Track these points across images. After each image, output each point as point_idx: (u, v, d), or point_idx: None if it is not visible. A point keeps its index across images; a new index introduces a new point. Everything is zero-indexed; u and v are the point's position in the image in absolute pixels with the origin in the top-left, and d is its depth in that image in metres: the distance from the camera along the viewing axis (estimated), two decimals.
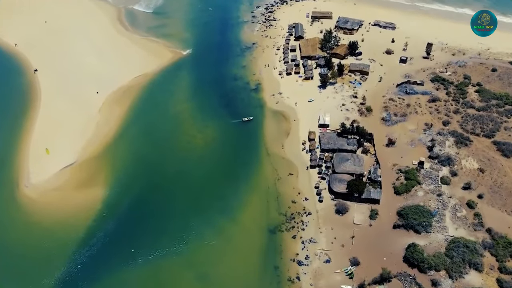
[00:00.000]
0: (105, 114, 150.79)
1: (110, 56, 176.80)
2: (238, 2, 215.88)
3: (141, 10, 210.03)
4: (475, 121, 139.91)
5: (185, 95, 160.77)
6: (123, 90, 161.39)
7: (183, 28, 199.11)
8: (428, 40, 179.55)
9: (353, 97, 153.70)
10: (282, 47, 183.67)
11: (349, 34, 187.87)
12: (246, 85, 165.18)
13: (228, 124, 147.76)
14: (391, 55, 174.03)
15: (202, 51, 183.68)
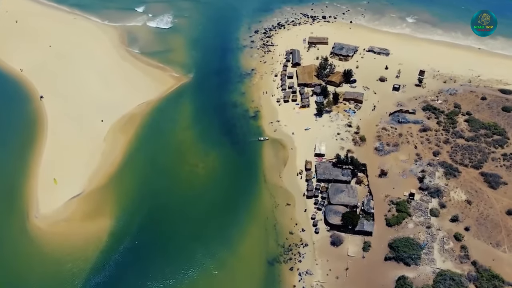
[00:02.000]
0: (110, 143, 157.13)
1: (114, 83, 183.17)
2: (237, 26, 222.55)
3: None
4: (464, 152, 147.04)
5: (187, 123, 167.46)
6: (127, 118, 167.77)
7: (184, 53, 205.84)
8: (420, 67, 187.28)
9: (347, 126, 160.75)
10: (279, 74, 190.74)
11: (344, 60, 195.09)
12: (245, 112, 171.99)
13: (228, 153, 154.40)
14: (384, 82, 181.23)
15: (203, 77, 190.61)
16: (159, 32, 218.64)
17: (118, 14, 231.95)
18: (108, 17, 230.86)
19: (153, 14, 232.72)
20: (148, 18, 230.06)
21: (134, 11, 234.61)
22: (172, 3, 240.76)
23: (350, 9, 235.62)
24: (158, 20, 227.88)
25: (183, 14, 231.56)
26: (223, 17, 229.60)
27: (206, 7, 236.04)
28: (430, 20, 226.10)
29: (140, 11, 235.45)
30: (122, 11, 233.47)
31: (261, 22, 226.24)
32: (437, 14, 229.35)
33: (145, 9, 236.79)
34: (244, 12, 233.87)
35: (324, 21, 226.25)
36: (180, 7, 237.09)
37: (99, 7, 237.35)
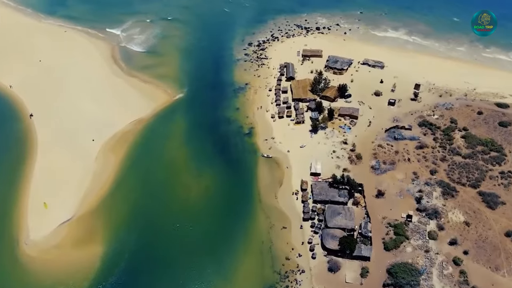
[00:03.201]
0: (101, 163, 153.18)
1: (105, 100, 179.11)
2: (231, 39, 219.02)
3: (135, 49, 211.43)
4: (461, 170, 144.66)
5: (180, 141, 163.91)
6: (119, 136, 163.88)
7: (177, 67, 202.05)
8: (416, 80, 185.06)
9: (343, 143, 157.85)
10: (274, 88, 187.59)
11: (339, 74, 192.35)
12: (239, 129, 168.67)
13: (222, 172, 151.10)
14: (379, 97, 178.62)
15: (196, 92, 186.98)
16: (152, 46, 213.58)
17: (110, 25, 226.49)
18: (99, 29, 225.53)
19: (142, 28, 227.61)
20: (140, 31, 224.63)
21: (126, 23, 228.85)
22: (163, 16, 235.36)
23: (344, 20, 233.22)
24: (148, 33, 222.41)
25: (176, 27, 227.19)
26: (217, 30, 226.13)
27: (199, 20, 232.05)
28: (424, 30, 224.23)
29: (133, 22, 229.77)
30: (114, 23, 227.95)
31: (254, 34, 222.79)
32: (431, 24, 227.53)
33: (136, 21, 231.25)
34: (238, 23, 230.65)
35: (318, 32, 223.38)
36: (172, 20, 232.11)
37: (91, 20, 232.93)
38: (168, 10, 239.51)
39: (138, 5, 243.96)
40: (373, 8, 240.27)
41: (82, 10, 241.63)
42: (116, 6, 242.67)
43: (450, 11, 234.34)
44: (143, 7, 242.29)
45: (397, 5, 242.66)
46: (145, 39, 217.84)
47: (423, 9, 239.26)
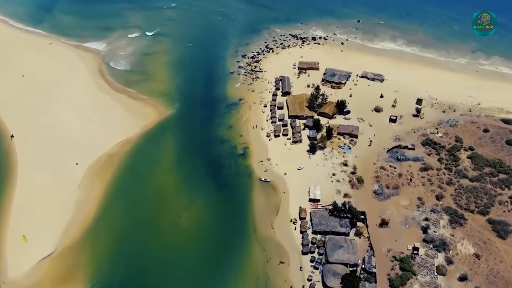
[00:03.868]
0: (85, 190, 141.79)
1: (91, 118, 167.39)
2: (224, 50, 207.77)
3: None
4: (469, 194, 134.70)
5: (169, 164, 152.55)
6: (104, 159, 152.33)
7: (167, 81, 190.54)
8: (417, 94, 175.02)
9: (343, 165, 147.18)
10: (269, 104, 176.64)
11: (337, 88, 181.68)
12: (233, 149, 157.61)
13: (215, 199, 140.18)
14: (380, 113, 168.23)
15: (187, 109, 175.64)
16: (141, 58, 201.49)
17: (97, 37, 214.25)
18: (86, 40, 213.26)
19: (130, 41, 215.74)
20: (128, 43, 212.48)
21: (114, 34, 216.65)
22: (153, 25, 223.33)
23: (341, 29, 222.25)
24: (136, 46, 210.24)
25: (165, 39, 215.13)
26: (209, 41, 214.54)
27: (190, 31, 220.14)
28: (423, 40, 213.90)
29: (120, 33, 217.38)
30: (101, 34, 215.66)
31: (248, 45, 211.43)
32: (430, 33, 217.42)
33: (125, 32, 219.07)
34: (231, 34, 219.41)
35: (314, 43, 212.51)
36: (163, 30, 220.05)
37: (77, 30, 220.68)
38: (156, 21, 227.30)
39: (127, 16, 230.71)
40: (370, 17, 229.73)
41: (69, 20, 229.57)
42: (104, 17, 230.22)
43: (449, 19, 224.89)
44: (131, 18, 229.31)
45: (395, 13, 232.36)
46: (133, 52, 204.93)
47: (421, 17, 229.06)
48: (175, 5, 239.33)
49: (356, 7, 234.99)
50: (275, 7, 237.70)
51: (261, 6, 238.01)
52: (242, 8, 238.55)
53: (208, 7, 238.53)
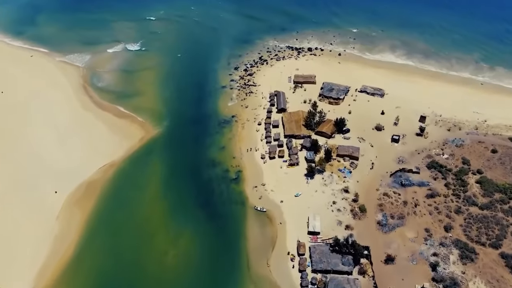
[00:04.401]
0: (64, 222, 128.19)
1: (72, 140, 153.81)
2: (215, 62, 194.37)
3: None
4: (480, 225, 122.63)
5: (156, 191, 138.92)
6: (86, 186, 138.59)
7: (155, 97, 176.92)
8: (420, 110, 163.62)
9: (344, 191, 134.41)
10: (263, 122, 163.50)
11: (335, 104, 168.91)
12: (225, 173, 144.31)
13: (205, 232, 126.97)
14: (381, 131, 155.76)
15: (176, 127, 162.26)
16: (128, 72, 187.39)
17: (81, 49, 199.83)
18: (70, 53, 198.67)
19: (122, 47, 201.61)
20: (113, 56, 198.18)
21: (99, 46, 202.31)
22: (141, 37, 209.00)
23: (338, 39, 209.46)
24: (122, 59, 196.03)
25: (155, 50, 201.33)
26: (200, 52, 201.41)
27: (180, 42, 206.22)
28: (424, 50, 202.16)
29: (106, 46, 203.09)
30: (86, 46, 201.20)
31: (241, 56, 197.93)
32: (431, 43, 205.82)
33: (111, 44, 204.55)
34: (223, 44, 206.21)
35: (310, 54, 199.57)
36: (151, 42, 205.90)
37: (60, 42, 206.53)
38: (144, 33, 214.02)
39: (113, 27, 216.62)
40: (368, 25, 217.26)
41: (53, 30, 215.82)
42: (90, 27, 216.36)
43: (449, 27, 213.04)
44: (117, 29, 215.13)
45: (393, 21, 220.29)
46: (119, 65, 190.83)
47: (420, 26, 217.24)
48: (163, 16, 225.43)
49: (353, 15, 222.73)
50: (269, 16, 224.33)
51: (254, 15, 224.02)
52: (234, 17, 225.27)
53: (198, 18, 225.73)
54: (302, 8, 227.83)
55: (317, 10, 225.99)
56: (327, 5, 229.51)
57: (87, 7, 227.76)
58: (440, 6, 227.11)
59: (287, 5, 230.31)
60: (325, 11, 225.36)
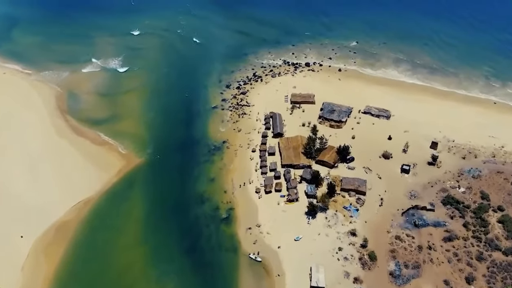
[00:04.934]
0: (30, 274, 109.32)
1: (44, 173, 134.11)
2: (205, 79, 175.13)
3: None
4: (505, 274, 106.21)
5: (137, 234, 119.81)
6: (56, 228, 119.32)
7: (138, 119, 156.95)
8: (431, 135, 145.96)
9: (351, 234, 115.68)
10: (258, 148, 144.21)
11: (337, 127, 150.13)
12: (215, 211, 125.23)
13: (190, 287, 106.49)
14: (389, 160, 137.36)
15: (160, 155, 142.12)
16: (109, 91, 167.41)
17: (58, 66, 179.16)
18: (46, 70, 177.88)
19: (103, 65, 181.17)
20: (93, 75, 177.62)
21: (78, 62, 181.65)
22: (124, 52, 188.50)
23: (338, 52, 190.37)
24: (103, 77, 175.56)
25: (140, 65, 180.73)
26: (189, 68, 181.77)
27: (168, 56, 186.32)
28: (430, 64, 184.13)
29: (86, 61, 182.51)
30: (64, 63, 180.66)
31: (233, 72, 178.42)
32: (436, 56, 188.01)
33: (91, 59, 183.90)
34: (214, 59, 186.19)
35: (308, 69, 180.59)
36: (135, 58, 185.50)
37: (36, 57, 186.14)
38: (128, 48, 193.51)
39: (94, 41, 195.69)
40: (369, 37, 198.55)
41: (29, 44, 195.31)
42: (68, 41, 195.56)
43: (451, 40, 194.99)
44: (98, 43, 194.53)
45: (395, 32, 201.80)
46: (99, 84, 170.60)
47: (424, 37, 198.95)
48: (149, 28, 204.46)
49: (352, 26, 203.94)
50: (263, 27, 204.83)
51: (246, 27, 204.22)
52: (225, 29, 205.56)
53: (186, 31, 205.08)
54: (298, 20, 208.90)
55: (314, 21, 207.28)
56: (325, 15, 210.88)
57: (66, 20, 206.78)
58: (439, 17, 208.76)
59: (283, 16, 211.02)
60: (322, 21, 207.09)
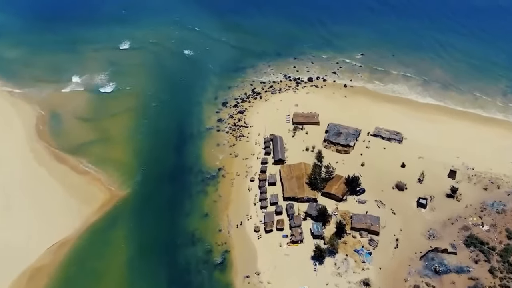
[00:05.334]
0: None
1: (19, 209, 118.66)
2: (200, 96, 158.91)
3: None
4: None
5: (120, 281, 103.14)
6: (29, 275, 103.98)
7: (125, 143, 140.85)
8: (448, 162, 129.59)
9: (364, 284, 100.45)
10: (257, 177, 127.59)
11: (344, 152, 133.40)
12: (208, 254, 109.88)
13: None
14: (404, 191, 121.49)
15: (148, 186, 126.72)
16: (93, 112, 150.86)
17: (41, 82, 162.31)
18: (27, 87, 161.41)
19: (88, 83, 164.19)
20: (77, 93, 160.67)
21: (61, 81, 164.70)
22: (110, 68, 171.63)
23: (342, 65, 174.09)
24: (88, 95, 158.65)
25: (126, 84, 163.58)
26: (182, 84, 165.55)
27: (161, 69, 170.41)
28: (442, 78, 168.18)
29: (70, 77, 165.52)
30: (46, 80, 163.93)
31: (230, 88, 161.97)
32: (449, 69, 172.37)
33: (76, 75, 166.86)
34: (210, 73, 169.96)
35: (310, 85, 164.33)
36: (121, 74, 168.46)
37: (17, 71, 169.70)
38: (114, 63, 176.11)
39: (81, 55, 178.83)
40: (376, 48, 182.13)
41: (10, 57, 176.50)
42: (53, 54, 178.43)
43: (464, 52, 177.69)
44: (85, 57, 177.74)
45: (403, 43, 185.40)
46: (83, 103, 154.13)
47: (434, 48, 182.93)
48: (138, 43, 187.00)
49: (356, 37, 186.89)
50: (262, 38, 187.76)
51: (244, 38, 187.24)
52: (222, 40, 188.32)
53: (179, 41, 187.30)
54: (300, 30, 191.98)
55: (316, 32, 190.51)
56: (328, 26, 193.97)
57: (50, 32, 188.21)
58: (446, 28, 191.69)
59: (283, 27, 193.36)
60: (325, 32, 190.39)
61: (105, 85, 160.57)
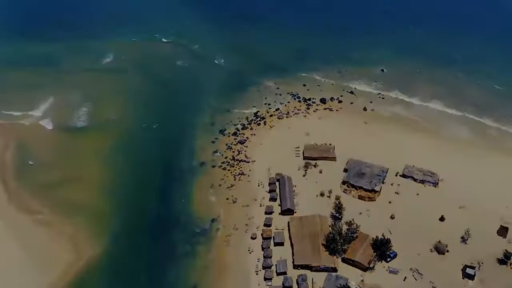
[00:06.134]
0: None
1: None
2: (194, 118, 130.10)
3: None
4: None
5: None
6: None
7: (100, 185, 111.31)
8: (496, 213, 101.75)
9: None
10: (259, 233, 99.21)
11: (368, 199, 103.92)
12: None
13: None
14: (445, 256, 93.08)
15: (124, 244, 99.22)
16: (66, 143, 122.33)
17: (5, 111, 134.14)
18: None
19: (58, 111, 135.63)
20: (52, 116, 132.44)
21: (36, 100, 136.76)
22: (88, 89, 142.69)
23: (360, 82, 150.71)
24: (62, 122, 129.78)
25: (107, 109, 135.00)
26: (173, 106, 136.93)
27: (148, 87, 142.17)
28: (478, 101, 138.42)
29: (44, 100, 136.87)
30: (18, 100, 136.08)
31: (230, 112, 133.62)
32: (484, 90, 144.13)
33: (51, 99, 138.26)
34: (206, 92, 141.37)
35: (324, 107, 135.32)
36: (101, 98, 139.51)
37: None
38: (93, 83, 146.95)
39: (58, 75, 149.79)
40: (398, 63, 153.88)
41: None
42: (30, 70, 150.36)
43: (500, 66, 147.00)
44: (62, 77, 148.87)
45: (429, 56, 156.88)
46: (55, 133, 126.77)
47: (466, 63, 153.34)
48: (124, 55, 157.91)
49: (374, 49, 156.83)
50: (266, 50, 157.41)
51: (246, 50, 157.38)
52: (221, 51, 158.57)
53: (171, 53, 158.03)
54: (310, 42, 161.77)
55: (329, 43, 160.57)
56: (341, 36, 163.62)
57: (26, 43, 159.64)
58: (470, 44, 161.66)
59: (290, 38, 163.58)
60: (339, 44, 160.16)
61: (79, 111, 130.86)
